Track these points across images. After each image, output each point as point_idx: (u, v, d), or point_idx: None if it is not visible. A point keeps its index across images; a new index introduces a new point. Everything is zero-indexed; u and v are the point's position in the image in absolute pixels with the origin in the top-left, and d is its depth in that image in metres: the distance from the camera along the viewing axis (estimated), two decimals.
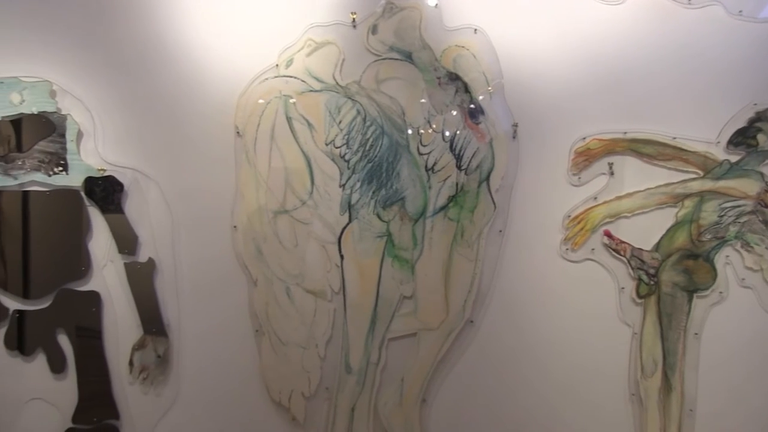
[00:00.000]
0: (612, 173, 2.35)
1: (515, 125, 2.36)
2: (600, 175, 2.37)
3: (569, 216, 2.37)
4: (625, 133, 2.34)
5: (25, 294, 2.39)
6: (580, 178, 2.37)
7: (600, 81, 2.38)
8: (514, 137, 2.36)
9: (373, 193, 2.34)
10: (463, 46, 2.36)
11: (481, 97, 2.36)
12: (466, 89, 2.36)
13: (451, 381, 2.41)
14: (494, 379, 2.42)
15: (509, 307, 2.41)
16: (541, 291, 2.41)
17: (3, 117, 2.35)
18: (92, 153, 2.38)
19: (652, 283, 2.34)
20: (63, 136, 2.36)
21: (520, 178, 2.39)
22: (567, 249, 2.38)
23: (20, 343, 2.39)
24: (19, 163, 2.36)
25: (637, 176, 2.35)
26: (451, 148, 2.35)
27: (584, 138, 2.36)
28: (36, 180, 2.37)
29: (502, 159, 2.36)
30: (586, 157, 2.37)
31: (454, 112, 2.36)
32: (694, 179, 2.33)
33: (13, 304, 2.40)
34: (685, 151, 2.32)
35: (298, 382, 2.39)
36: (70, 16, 2.40)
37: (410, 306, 2.37)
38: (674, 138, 2.32)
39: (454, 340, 2.38)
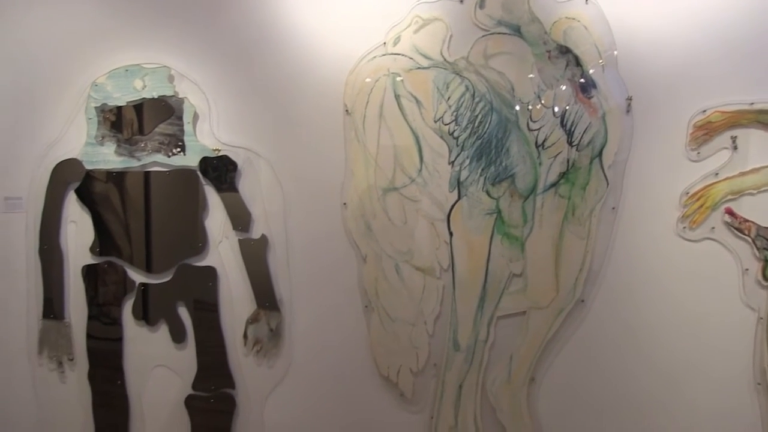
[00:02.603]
0: (735, 147, 2.27)
1: (629, 98, 2.32)
2: (722, 149, 2.29)
3: (687, 193, 2.31)
4: (752, 104, 2.25)
5: (148, 268, 2.58)
6: (699, 153, 2.30)
7: (722, 48, 2.27)
8: (627, 111, 2.32)
9: (483, 170, 2.37)
10: (573, 18, 2.33)
11: (592, 70, 2.33)
12: (577, 62, 2.34)
13: (561, 360, 2.42)
14: (606, 360, 2.40)
15: (622, 287, 2.38)
16: (655, 271, 2.36)
17: (127, 102, 2.53)
18: (207, 134, 2.53)
19: None
20: (180, 118, 2.52)
21: (634, 153, 2.34)
22: (684, 227, 2.32)
23: (145, 314, 2.60)
24: (142, 145, 2.55)
25: (764, 150, 2.26)
26: (562, 124, 2.34)
27: (704, 111, 2.28)
28: (157, 161, 2.55)
29: (616, 134, 2.32)
30: (706, 131, 2.29)
31: (565, 87, 2.34)
32: None
33: (138, 277, 2.58)
34: None
35: (406, 358, 2.46)
36: (185, 4, 2.55)
37: (520, 284, 2.39)
38: None
39: (564, 319, 2.38)
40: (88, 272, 2.61)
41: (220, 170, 2.51)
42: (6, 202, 2.64)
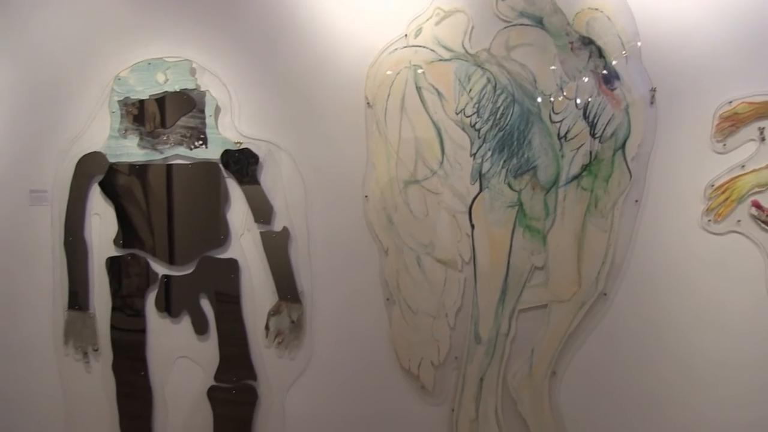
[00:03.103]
0: (763, 139, 2.25)
1: (653, 90, 2.30)
2: (748, 141, 2.26)
3: (712, 185, 2.29)
4: None
5: (171, 260, 2.62)
6: (725, 144, 2.28)
7: (749, 37, 2.25)
8: (651, 103, 2.31)
9: (504, 162, 2.38)
10: (596, 8, 2.33)
11: (615, 62, 2.32)
12: (600, 54, 2.33)
13: (583, 354, 2.41)
14: (628, 354, 2.39)
15: (645, 281, 2.36)
16: (679, 264, 2.34)
17: (150, 95, 2.56)
18: (229, 127, 2.56)
19: None
20: (202, 111, 2.54)
21: (658, 145, 2.32)
22: (709, 220, 2.31)
23: (168, 306, 2.63)
24: (164, 138, 2.58)
25: None
26: (585, 116, 2.34)
27: (731, 101, 2.26)
28: (179, 154, 2.58)
29: (639, 126, 2.31)
30: (732, 122, 2.27)
31: (587, 78, 2.33)
32: None
33: (161, 269, 2.62)
34: None
35: (427, 351, 2.47)
36: None
37: (541, 277, 2.39)
38: None
39: (586, 313, 2.38)
40: (112, 264, 2.65)
41: (242, 163, 2.53)
42: (32, 195, 2.69)
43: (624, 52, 2.30)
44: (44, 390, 2.73)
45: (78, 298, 2.66)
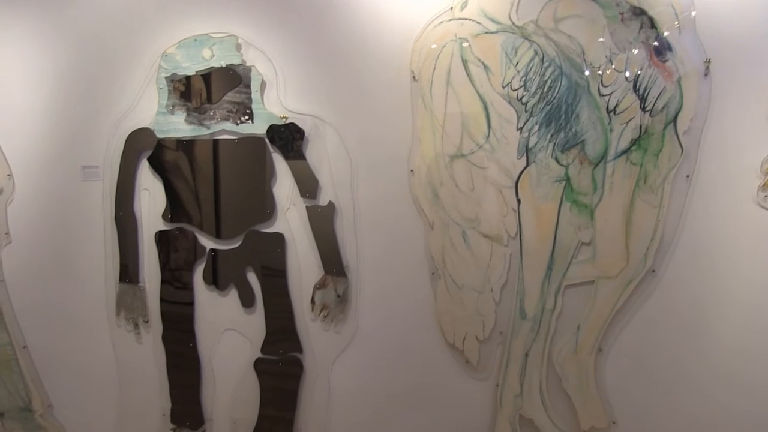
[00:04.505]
0: None
1: (707, 61, 2.27)
2: None
3: None
4: None
5: (218, 234, 2.70)
6: None
7: None
8: (705, 74, 2.27)
9: (552, 136, 2.38)
10: None
11: (667, 33, 2.29)
12: (652, 24, 2.30)
13: (629, 331, 2.42)
14: (676, 332, 2.39)
15: (695, 258, 2.34)
16: (732, 241, 2.31)
17: (196, 72, 2.63)
18: (275, 102, 2.61)
19: None
20: (248, 86, 2.60)
21: (711, 118, 2.29)
22: (765, 196, 2.27)
23: (215, 279, 2.72)
24: (211, 113, 2.65)
25: None
26: (635, 89, 2.32)
27: None
28: (225, 129, 2.65)
29: (692, 98, 2.28)
30: None
31: (638, 50, 2.31)
32: None
33: (208, 243, 2.71)
34: None
35: (472, 326, 2.51)
36: None
37: (588, 253, 2.40)
38: None
39: (633, 290, 2.38)
40: (161, 238, 2.75)
41: (288, 138, 2.59)
42: (84, 170, 2.79)
43: (677, 23, 2.27)
44: (99, 359, 2.86)
45: (128, 271, 2.77)
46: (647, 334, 2.41)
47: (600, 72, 2.33)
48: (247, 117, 2.60)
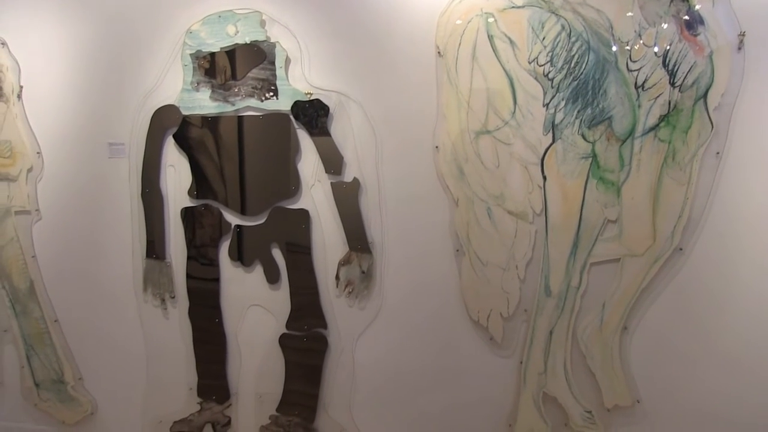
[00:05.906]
0: None
1: (742, 34, 2.24)
2: None
3: None
4: None
5: (243, 211, 2.76)
6: None
7: None
8: (739, 48, 2.26)
9: (578, 112, 2.39)
10: None
11: (699, 5, 2.27)
12: None
13: (655, 310, 2.44)
14: (702, 311, 2.40)
15: (724, 236, 2.35)
16: (762, 220, 2.31)
17: (221, 48, 2.67)
18: (299, 78, 2.64)
19: None
20: (273, 63, 2.63)
21: (744, 94, 2.27)
22: None
23: (240, 255, 2.78)
24: (236, 90, 2.69)
25: None
26: (664, 64, 2.31)
27: None
28: (250, 105, 2.69)
29: (724, 73, 2.27)
30: None
31: (667, 24, 2.30)
32: None
33: (233, 220, 2.77)
34: None
35: (496, 303, 2.55)
36: None
37: (614, 230, 2.42)
38: None
39: (660, 268, 2.39)
40: (187, 214, 2.81)
41: (312, 114, 2.62)
42: (110, 147, 2.86)
43: None
44: (128, 334, 2.95)
45: (155, 247, 2.84)
46: (673, 313, 2.42)
47: (628, 47, 2.33)
48: (271, 93, 2.64)
